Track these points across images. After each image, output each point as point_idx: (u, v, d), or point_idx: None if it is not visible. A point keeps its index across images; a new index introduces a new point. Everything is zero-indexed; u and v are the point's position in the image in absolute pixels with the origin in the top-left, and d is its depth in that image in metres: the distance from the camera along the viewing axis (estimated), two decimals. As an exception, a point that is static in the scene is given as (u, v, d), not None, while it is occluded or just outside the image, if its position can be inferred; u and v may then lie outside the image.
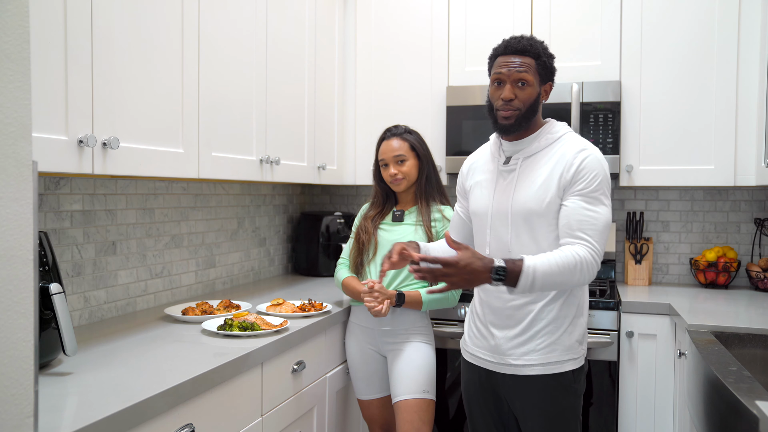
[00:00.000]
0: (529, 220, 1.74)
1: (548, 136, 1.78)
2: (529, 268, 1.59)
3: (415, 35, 2.98)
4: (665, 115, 2.69)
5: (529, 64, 1.73)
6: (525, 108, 1.74)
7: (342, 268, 2.33)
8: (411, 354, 2.16)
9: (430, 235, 2.20)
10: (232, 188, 2.74)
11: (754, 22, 2.57)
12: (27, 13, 0.85)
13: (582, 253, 1.63)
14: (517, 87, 1.74)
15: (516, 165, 1.79)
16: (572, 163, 1.70)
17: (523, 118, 1.75)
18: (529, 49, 1.73)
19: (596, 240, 1.66)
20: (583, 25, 2.77)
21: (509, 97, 1.73)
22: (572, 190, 1.69)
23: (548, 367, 1.74)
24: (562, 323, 1.75)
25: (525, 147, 1.79)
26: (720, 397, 1.42)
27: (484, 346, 1.84)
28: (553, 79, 1.80)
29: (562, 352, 1.75)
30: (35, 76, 1.31)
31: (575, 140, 1.78)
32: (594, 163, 1.70)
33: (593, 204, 1.68)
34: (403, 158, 2.24)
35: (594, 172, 1.69)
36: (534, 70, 1.74)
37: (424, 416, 2.10)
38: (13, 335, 0.84)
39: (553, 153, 1.76)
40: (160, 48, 1.74)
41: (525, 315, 1.76)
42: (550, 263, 1.61)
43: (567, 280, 1.63)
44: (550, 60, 1.77)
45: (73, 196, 1.91)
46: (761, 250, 2.90)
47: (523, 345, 1.76)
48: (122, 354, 1.61)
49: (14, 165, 0.84)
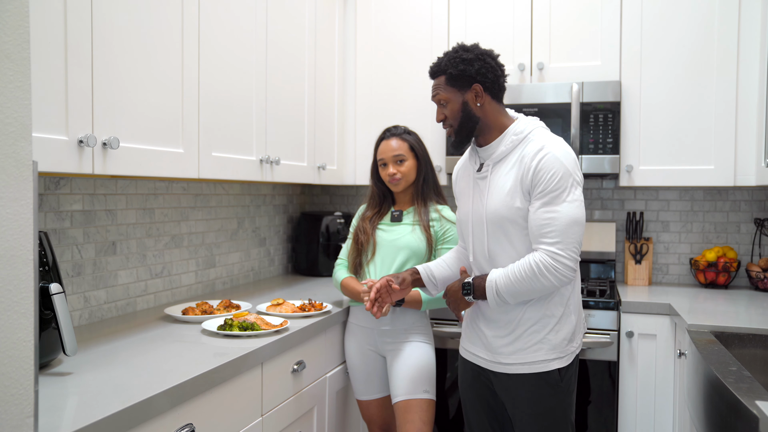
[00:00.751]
0: (503, 226, 1.75)
1: (513, 137, 1.76)
2: (491, 282, 1.72)
3: (415, 35, 2.98)
4: (665, 115, 2.69)
5: (439, 84, 1.81)
6: (456, 122, 1.80)
7: (340, 269, 2.33)
8: (410, 354, 2.16)
9: (429, 235, 2.20)
10: (232, 188, 2.74)
11: (754, 23, 2.57)
12: (27, 13, 0.85)
13: (538, 258, 1.66)
14: (442, 107, 1.82)
15: (487, 172, 1.80)
16: (529, 167, 1.69)
17: (460, 131, 1.81)
18: (435, 70, 1.82)
19: (557, 240, 1.65)
20: (583, 25, 2.77)
21: (440, 119, 1.84)
22: (534, 195, 1.69)
23: (534, 366, 1.75)
24: (548, 322, 1.75)
25: (493, 152, 1.80)
26: (720, 397, 1.42)
27: (479, 344, 1.87)
28: (478, 79, 1.76)
29: (548, 351, 1.75)
30: (35, 76, 1.31)
31: (536, 139, 1.74)
32: (551, 162, 1.67)
33: (552, 204, 1.66)
34: (402, 158, 2.24)
35: (551, 171, 1.67)
36: (445, 86, 1.80)
37: (425, 416, 2.10)
38: (13, 335, 0.84)
39: (516, 156, 1.75)
40: (160, 48, 1.74)
41: (513, 316, 1.77)
42: (507, 275, 1.70)
43: (532, 287, 1.67)
44: (459, 67, 1.76)
45: (73, 196, 1.91)
46: (761, 250, 2.90)
47: (511, 344, 1.78)
48: (122, 354, 1.61)
49: (14, 165, 0.84)
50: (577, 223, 1.67)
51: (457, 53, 1.79)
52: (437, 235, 2.22)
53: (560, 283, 1.67)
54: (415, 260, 2.20)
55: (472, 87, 1.77)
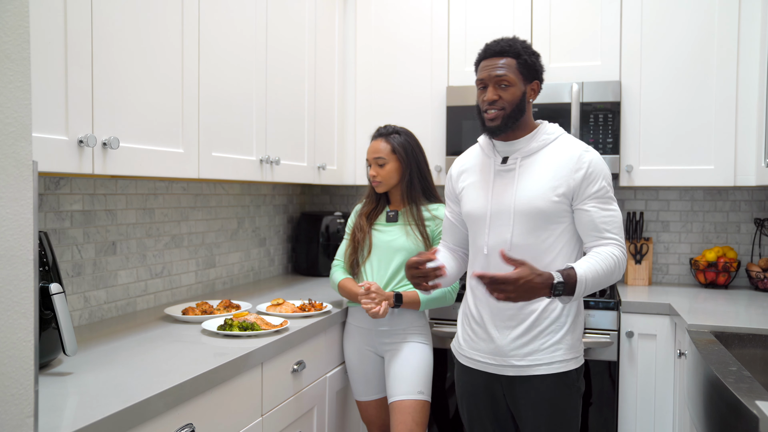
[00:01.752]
0: (534, 219, 1.74)
1: (545, 136, 1.80)
2: (582, 277, 1.63)
3: (415, 35, 2.98)
4: (665, 115, 2.69)
5: (509, 64, 1.74)
6: (510, 108, 1.75)
7: (337, 270, 2.32)
8: (408, 354, 2.16)
9: (425, 235, 2.19)
10: (232, 188, 2.74)
11: (754, 23, 2.57)
12: (27, 13, 0.85)
13: (617, 252, 1.71)
14: (500, 88, 1.75)
15: (515, 164, 1.79)
16: (580, 166, 1.73)
17: (509, 118, 1.75)
18: (507, 49, 1.74)
19: (621, 237, 1.75)
20: (583, 25, 2.77)
21: (492, 99, 1.75)
22: (587, 194, 1.73)
23: (553, 366, 1.74)
24: (566, 321, 1.76)
25: (522, 147, 1.80)
26: (720, 397, 1.42)
27: (483, 349, 1.82)
28: (539, 77, 1.79)
29: (566, 350, 1.75)
30: (35, 76, 1.31)
31: (574, 141, 1.80)
32: (600, 164, 1.76)
33: (608, 204, 1.74)
34: (382, 161, 2.22)
35: (602, 173, 1.74)
36: (515, 70, 1.74)
37: (418, 417, 2.10)
38: (13, 335, 0.84)
39: (553, 152, 1.77)
40: (161, 48, 1.74)
41: (528, 315, 1.75)
42: (596, 269, 1.66)
43: (608, 280, 1.70)
44: (532, 58, 1.76)
45: (73, 196, 1.91)
46: (761, 250, 2.90)
47: (526, 345, 1.75)
48: (122, 354, 1.61)
49: (14, 165, 0.84)
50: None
51: (526, 43, 1.78)
52: (433, 234, 2.21)
53: (621, 277, 1.76)
54: None
55: (533, 82, 1.79)
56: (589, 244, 1.75)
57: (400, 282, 2.21)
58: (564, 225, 1.76)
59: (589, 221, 1.73)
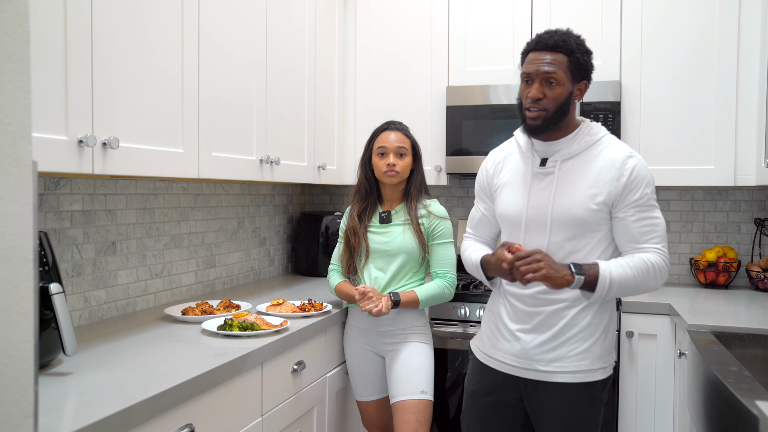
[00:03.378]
0: (571, 227, 1.67)
1: (587, 137, 1.71)
2: (605, 272, 1.59)
3: (415, 35, 2.98)
4: (665, 115, 2.69)
5: (560, 62, 1.63)
6: (553, 108, 1.65)
7: (334, 274, 2.31)
8: (409, 354, 2.16)
9: (420, 233, 2.18)
10: (232, 188, 2.74)
11: (754, 22, 2.57)
12: (27, 13, 0.85)
13: (653, 258, 1.64)
14: (546, 85, 1.64)
15: (554, 167, 1.70)
16: (622, 173, 1.65)
17: (552, 119, 1.66)
18: (561, 45, 1.63)
19: (663, 245, 1.66)
20: (583, 25, 2.76)
21: (537, 96, 1.64)
22: (627, 202, 1.65)
23: (579, 375, 1.68)
24: (596, 330, 1.70)
25: (562, 148, 1.71)
26: (720, 397, 1.42)
27: (506, 350, 1.76)
28: (589, 77, 1.70)
29: (593, 360, 1.69)
30: (35, 76, 1.31)
31: (617, 144, 1.72)
32: (644, 170, 1.67)
33: (650, 211, 1.66)
34: (404, 152, 2.21)
35: (645, 180, 1.66)
36: (565, 68, 1.64)
37: (422, 417, 2.10)
38: (13, 335, 0.84)
39: (595, 156, 1.68)
40: (160, 48, 1.74)
41: (558, 320, 1.69)
42: (623, 267, 1.61)
43: (641, 284, 1.63)
44: (585, 56, 1.66)
45: (73, 196, 1.91)
46: (761, 250, 2.90)
47: (553, 351, 1.69)
48: (122, 354, 1.61)
49: (14, 165, 0.84)
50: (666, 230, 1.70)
51: (580, 40, 1.67)
52: (427, 231, 2.21)
53: (659, 286, 1.67)
54: (411, 263, 2.19)
55: (582, 82, 1.69)
56: (626, 254, 1.68)
57: (399, 285, 2.20)
58: (603, 233, 1.69)
59: (627, 231, 1.65)
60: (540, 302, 1.71)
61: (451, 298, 2.22)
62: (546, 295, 1.70)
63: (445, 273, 2.19)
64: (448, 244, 2.20)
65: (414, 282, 2.21)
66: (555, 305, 1.70)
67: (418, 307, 2.16)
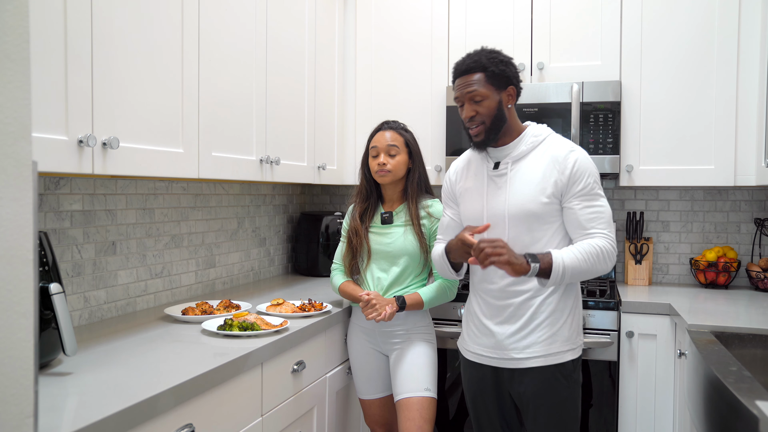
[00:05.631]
0: (526, 221, 1.81)
1: (532, 139, 1.86)
2: (557, 259, 1.72)
3: (415, 35, 2.98)
4: (665, 115, 2.69)
5: (479, 80, 1.81)
6: (489, 120, 1.82)
7: (337, 274, 2.31)
8: (413, 353, 2.16)
9: (420, 234, 2.18)
10: (232, 188, 2.74)
11: (754, 22, 2.57)
12: (27, 13, 0.85)
13: (601, 243, 1.77)
14: (474, 103, 1.81)
15: (506, 169, 1.86)
16: (565, 166, 1.79)
17: (491, 130, 1.83)
18: (473, 66, 1.81)
19: (608, 229, 1.80)
20: (583, 25, 2.77)
21: (470, 115, 1.83)
22: (572, 193, 1.80)
23: (550, 358, 1.82)
24: (561, 315, 1.84)
25: (511, 151, 1.87)
26: (720, 397, 1.42)
27: (485, 343, 1.90)
28: (513, 82, 1.84)
29: (562, 342, 1.83)
30: (35, 76, 1.31)
31: (561, 141, 1.87)
32: (585, 162, 1.81)
33: (594, 200, 1.80)
34: (395, 151, 2.19)
35: (587, 171, 1.80)
36: (484, 83, 1.80)
37: (426, 414, 2.11)
38: (13, 335, 0.84)
39: (541, 154, 1.84)
40: (160, 48, 1.74)
41: (525, 310, 1.84)
42: (575, 254, 1.74)
43: (592, 268, 1.75)
44: (500, 67, 1.81)
45: (73, 196, 1.91)
46: (761, 250, 2.90)
47: (524, 339, 1.84)
48: (122, 354, 1.61)
49: (14, 165, 0.84)
50: (611, 216, 1.83)
51: (492, 54, 1.83)
52: (429, 232, 2.21)
53: (609, 268, 1.79)
54: (413, 264, 2.20)
55: (508, 88, 1.84)
56: (576, 240, 1.82)
57: (402, 288, 2.20)
58: (557, 224, 1.83)
59: (575, 219, 1.79)
60: (507, 295, 1.85)
61: (453, 298, 2.23)
62: (512, 287, 1.84)
63: None
64: None
65: (417, 283, 2.22)
66: (521, 296, 1.84)
67: (423, 308, 2.16)
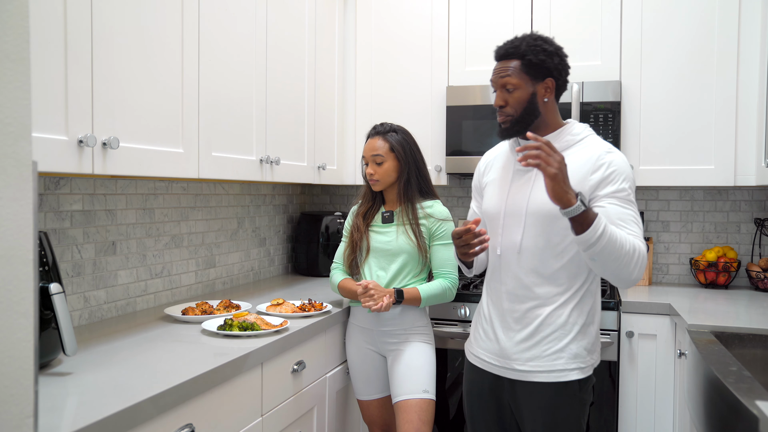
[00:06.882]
0: (545, 222, 1.69)
1: (569, 137, 1.74)
2: (601, 219, 1.52)
3: (415, 35, 2.98)
4: (665, 115, 2.69)
5: (514, 67, 1.70)
6: (518, 112, 1.71)
7: (336, 272, 2.32)
8: (411, 354, 2.16)
9: (418, 236, 2.18)
10: (232, 188, 2.74)
11: (754, 23, 2.57)
12: (27, 13, 0.85)
13: (637, 242, 1.59)
14: (505, 92, 1.72)
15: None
16: (601, 165, 1.66)
17: (519, 122, 1.71)
18: (512, 52, 1.71)
19: (641, 236, 1.63)
20: (583, 25, 2.77)
21: (499, 104, 1.74)
22: (605, 192, 1.64)
23: (553, 374, 1.69)
24: (571, 330, 1.70)
25: None
26: (720, 397, 1.42)
27: (490, 349, 1.80)
28: (553, 74, 1.72)
29: (568, 359, 1.69)
30: (35, 76, 1.31)
31: (599, 142, 1.73)
32: (623, 165, 1.68)
33: (628, 206, 1.65)
34: (380, 159, 2.20)
35: (624, 174, 1.67)
36: (519, 72, 1.70)
37: (424, 416, 2.10)
38: (13, 335, 0.84)
39: (575, 154, 1.70)
40: (160, 48, 1.74)
41: (532, 319, 1.72)
42: (616, 231, 1.55)
43: (624, 257, 1.56)
44: (539, 56, 1.69)
45: (73, 196, 1.91)
46: (761, 250, 2.90)
47: (528, 350, 1.72)
48: (122, 354, 1.61)
49: (14, 165, 0.84)
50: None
51: (537, 41, 1.71)
52: (429, 233, 2.20)
53: (638, 275, 1.61)
54: (412, 263, 2.20)
55: (545, 80, 1.72)
56: None
57: (400, 286, 2.20)
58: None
59: (604, 214, 1.60)
60: (515, 299, 1.74)
61: (452, 298, 2.22)
62: (521, 291, 1.73)
63: (447, 273, 2.19)
64: (450, 245, 2.20)
65: (415, 283, 2.21)
66: (528, 303, 1.72)
67: (420, 305, 2.16)
